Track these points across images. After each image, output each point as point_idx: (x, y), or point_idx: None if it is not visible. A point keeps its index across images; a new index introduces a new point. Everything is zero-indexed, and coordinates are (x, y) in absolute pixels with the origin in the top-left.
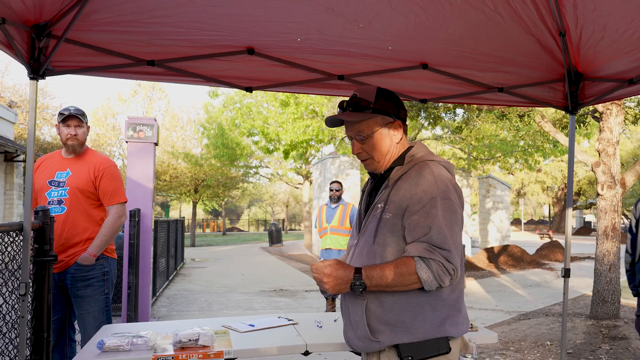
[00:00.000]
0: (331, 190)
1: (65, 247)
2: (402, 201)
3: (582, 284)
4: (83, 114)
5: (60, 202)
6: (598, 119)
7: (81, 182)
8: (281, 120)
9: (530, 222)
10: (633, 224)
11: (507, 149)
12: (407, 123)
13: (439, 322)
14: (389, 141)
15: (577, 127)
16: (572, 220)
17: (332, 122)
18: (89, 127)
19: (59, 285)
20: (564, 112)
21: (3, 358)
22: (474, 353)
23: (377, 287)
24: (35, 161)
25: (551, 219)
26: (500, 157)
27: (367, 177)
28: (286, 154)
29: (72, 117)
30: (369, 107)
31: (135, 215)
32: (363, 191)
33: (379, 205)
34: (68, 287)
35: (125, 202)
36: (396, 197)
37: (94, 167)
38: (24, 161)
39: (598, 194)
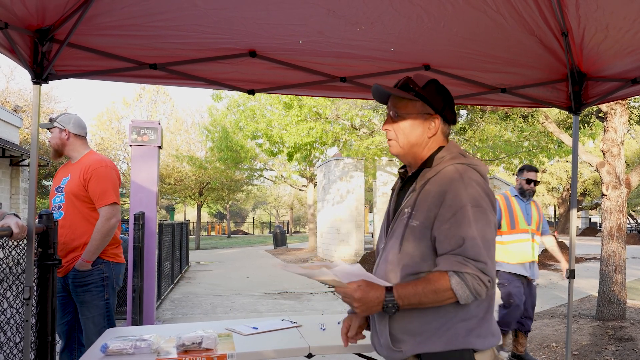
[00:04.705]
0: (529, 182)
1: (65, 251)
2: (431, 209)
3: (588, 285)
4: (49, 121)
5: (59, 207)
6: (602, 119)
7: (74, 187)
8: (285, 122)
9: None
10: None
11: (511, 150)
12: (451, 127)
13: (464, 333)
14: (420, 131)
15: (582, 127)
16: (577, 220)
17: (378, 94)
18: (64, 130)
19: (66, 288)
20: (568, 113)
21: None
22: None
23: (410, 306)
24: (39, 166)
25: (556, 220)
26: (504, 158)
27: (371, 179)
28: (290, 157)
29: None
30: (414, 89)
31: (139, 218)
32: (393, 190)
33: (406, 210)
34: (71, 291)
35: (114, 203)
36: (424, 203)
37: (84, 170)
38: (29, 165)
39: (603, 195)
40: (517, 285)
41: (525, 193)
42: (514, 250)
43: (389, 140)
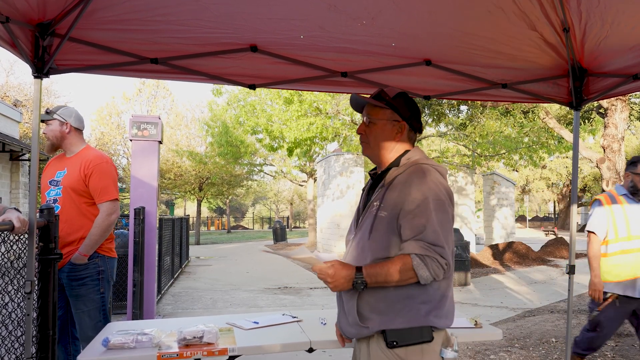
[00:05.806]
0: (637, 174)
1: (60, 245)
2: (397, 201)
3: (588, 280)
4: (46, 113)
5: (55, 201)
6: (603, 115)
7: (73, 181)
8: (285, 117)
9: (535, 218)
10: None
11: (511, 145)
12: (417, 134)
13: (424, 313)
14: (389, 136)
15: (582, 123)
16: (577, 216)
17: (355, 104)
18: (66, 124)
19: (59, 283)
20: (568, 108)
21: (9, 355)
22: (455, 346)
23: (377, 284)
24: (40, 160)
25: (556, 216)
26: (504, 153)
27: None
28: (290, 152)
29: (42, 121)
30: (385, 99)
31: (140, 213)
32: (363, 190)
33: (375, 204)
34: (64, 286)
35: (115, 199)
36: (392, 197)
37: (85, 165)
38: (30, 160)
39: (603, 191)
40: (611, 314)
41: (639, 192)
42: (622, 262)
43: (363, 143)
